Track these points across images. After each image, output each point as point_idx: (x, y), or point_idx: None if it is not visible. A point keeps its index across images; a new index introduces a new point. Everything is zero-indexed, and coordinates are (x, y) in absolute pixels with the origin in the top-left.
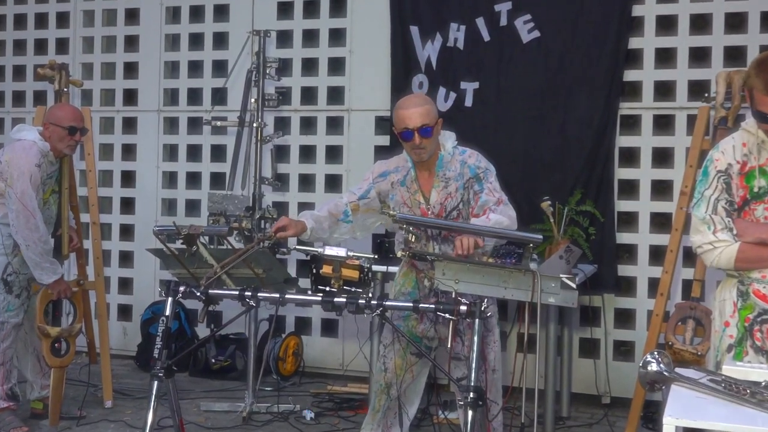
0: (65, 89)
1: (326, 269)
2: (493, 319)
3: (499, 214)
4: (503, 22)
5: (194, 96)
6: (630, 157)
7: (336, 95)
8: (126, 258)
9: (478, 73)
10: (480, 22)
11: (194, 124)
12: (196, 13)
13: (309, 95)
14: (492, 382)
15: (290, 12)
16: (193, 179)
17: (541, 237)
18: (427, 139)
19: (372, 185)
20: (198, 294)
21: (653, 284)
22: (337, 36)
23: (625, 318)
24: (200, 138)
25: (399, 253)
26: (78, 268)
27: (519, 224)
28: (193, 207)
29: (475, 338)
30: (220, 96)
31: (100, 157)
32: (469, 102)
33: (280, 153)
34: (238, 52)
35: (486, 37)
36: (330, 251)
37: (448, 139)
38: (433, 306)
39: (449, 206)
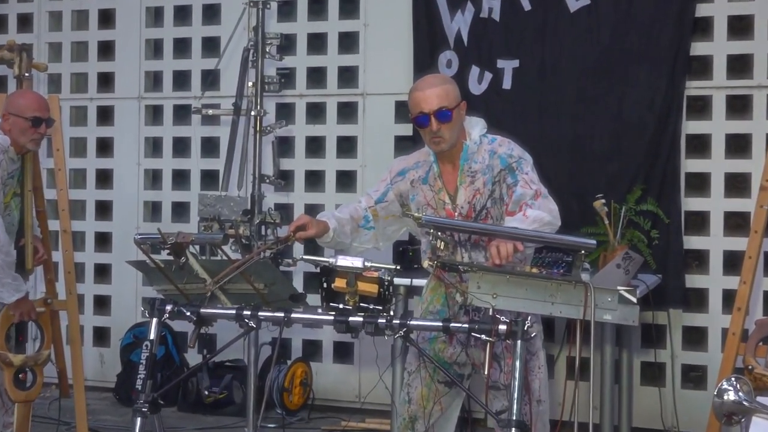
0: (26, 74)
1: (339, 283)
2: (538, 341)
3: (537, 209)
4: None
5: (181, 80)
6: (699, 145)
7: (348, 77)
8: (103, 272)
9: (517, 49)
10: None
11: (181, 114)
12: None
13: (317, 77)
14: (537, 416)
15: None
16: (181, 178)
17: (594, 242)
18: (447, 125)
19: (390, 186)
20: (188, 314)
21: (728, 297)
22: (349, 7)
23: (695, 338)
24: (188, 129)
25: (425, 264)
26: (46, 285)
27: (567, 227)
28: (181, 211)
29: (517, 363)
30: (211, 79)
31: (70, 154)
32: (507, 83)
33: (284, 146)
34: (233, 26)
35: (527, 5)
36: (343, 261)
37: (474, 125)
38: (466, 326)
39: (478, 205)
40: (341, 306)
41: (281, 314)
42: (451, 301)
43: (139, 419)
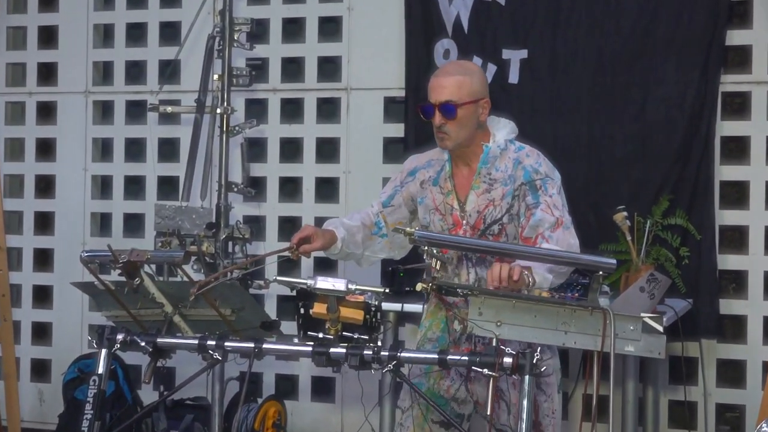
0: None
1: (319, 309)
2: (554, 379)
3: (554, 243)
4: None
5: (135, 72)
6: (736, 149)
7: (330, 69)
8: (43, 295)
9: (526, 38)
10: None
11: (135, 111)
12: None
13: (293, 69)
14: None
15: None
16: (135, 186)
17: (614, 261)
18: (452, 122)
19: (398, 188)
20: (143, 344)
21: None
22: None
23: (731, 373)
24: (144, 129)
25: (419, 287)
26: None
27: (584, 245)
28: (134, 224)
29: (525, 402)
30: (170, 72)
31: (6, 157)
32: (514, 77)
33: (254, 149)
34: (195, 10)
35: None
36: (323, 284)
37: (502, 127)
38: (465, 358)
39: (489, 217)
40: (321, 335)
41: (251, 344)
42: (451, 327)
43: None
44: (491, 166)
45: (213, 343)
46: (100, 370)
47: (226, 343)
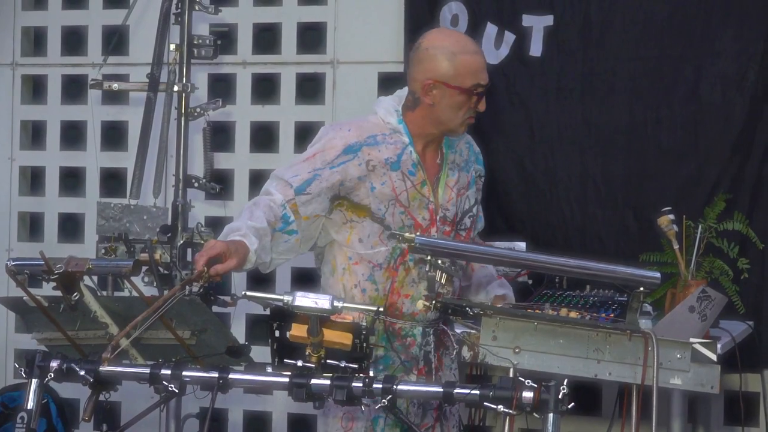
0: None
1: (298, 331)
2: None
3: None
4: None
5: (73, 41)
6: None
7: (313, 38)
8: None
9: (551, 2)
10: None
11: (74, 88)
12: None
13: (267, 39)
14: None
15: None
16: (73, 180)
17: (658, 275)
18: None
19: (320, 171)
20: (82, 373)
21: None
22: None
23: None
24: (84, 111)
25: (420, 305)
26: None
27: (622, 255)
28: (72, 227)
29: None
30: (116, 40)
31: None
32: (536, 49)
33: (220, 135)
34: None
35: None
36: (303, 301)
37: None
38: (477, 392)
39: (461, 209)
40: (300, 363)
41: (214, 374)
42: (401, 341)
43: None
44: (454, 150)
45: (168, 372)
46: (30, 405)
47: (184, 373)
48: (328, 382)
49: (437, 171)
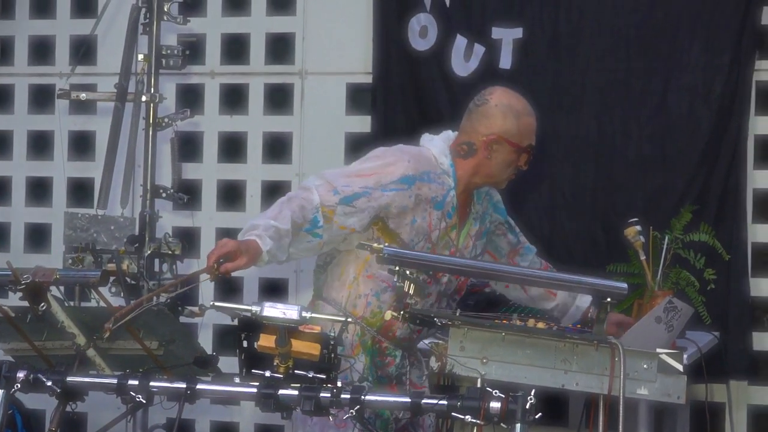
0: None
1: (266, 341)
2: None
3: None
4: None
5: (41, 50)
6: None
7: (281, 49)
8: None
9: (521, 14)
10: None
11: (41, 98)
12: None
13: (236, 49)
14: None
15: None
16: (40, 190)
17: (625, 286)
18: None
19: (371, 191)
20: (49, 384)
21: None
22: None
23: (766, 422)
24: (51, 120)
25: (389, 315)
26: None
27: (589, 265)
28: (39, 237)
29: None
30: (84, 50)
31: None
32: (506, 62)
33: (188, 146)
34: None
35: None
36: (271, 311)
37: None
38: (444, 402)
39: (470, 256)
40: (268, 374)
41: (182, 385)
42: (382, 358)
43: None
44: (481, 200)
45: (135, 382)
46: None
47: (152, 383)
48: (296, 392)
49: (465, 218)
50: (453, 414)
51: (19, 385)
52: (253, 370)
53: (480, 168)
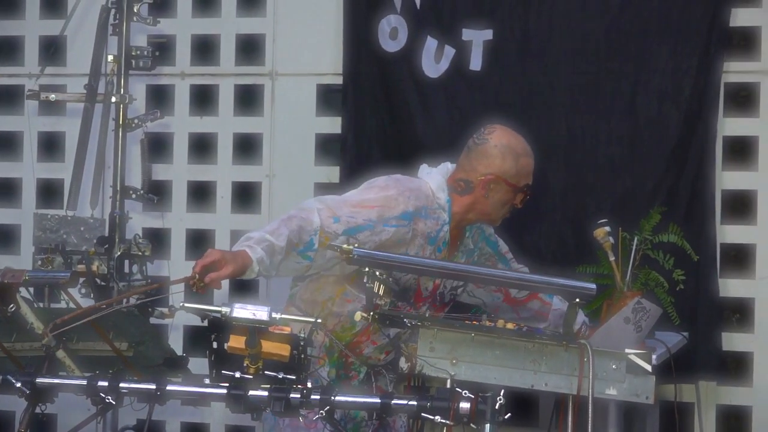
0: None
1: (235, 342)
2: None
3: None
4: None
5: (10, 50)
6: (742, 152)
7: (251, 50)
8: None
9: (491, 15)
10: None
11: (9, 98)
12: None
13: (206, 50)
14: None
15: None
16: (8, 191)
17: (594, 286)
18: None
19: (373, 225)
20: (18, 385)
21: None
22: None
23: (735, 421)
24: (20, 121)
25: (358, 317)
26: None
27: (558, 265)
28: (7, 238)
29: None
30: (53, 50)
31: None
32: (476, 63)
33: (158, 147)
34: None
35: None
36: (241, 312)
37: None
38: (414, 402)
39: (451, 286)
40: (238, 375)
41: (151, 386)
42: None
43: None
44: (472, 234)
45: (105, 384)
46: None
47: (121, 384)
48: (265, 393)
49: (453, 251)
50: (422, 414)
51: None
52: (223, 371)
53: (476, 205)
